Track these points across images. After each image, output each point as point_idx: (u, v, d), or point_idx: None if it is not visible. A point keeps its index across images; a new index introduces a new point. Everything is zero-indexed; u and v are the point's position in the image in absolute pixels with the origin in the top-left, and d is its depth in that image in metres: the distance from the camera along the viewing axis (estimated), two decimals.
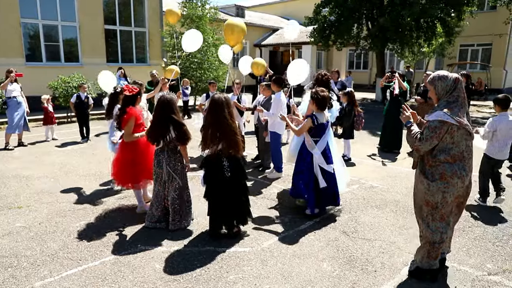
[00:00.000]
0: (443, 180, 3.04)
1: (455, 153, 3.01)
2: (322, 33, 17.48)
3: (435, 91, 3.09)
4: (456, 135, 2.98)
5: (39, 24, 13.11)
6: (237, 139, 3.84)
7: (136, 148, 4.53)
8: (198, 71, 14.42)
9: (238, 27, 5.21)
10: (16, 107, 8.16)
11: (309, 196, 4.53)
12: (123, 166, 4.53)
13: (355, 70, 27.65)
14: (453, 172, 3.01)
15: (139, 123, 4.50)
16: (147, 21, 15.67)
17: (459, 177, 3.02)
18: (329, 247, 3.92)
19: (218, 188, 3.93)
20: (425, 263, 3.30)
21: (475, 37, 21.53)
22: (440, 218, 3.15)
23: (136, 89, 4.54)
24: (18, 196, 5.29)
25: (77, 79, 11.65)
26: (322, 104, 4.44)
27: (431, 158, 3.09)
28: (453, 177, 3.01)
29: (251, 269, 3.47)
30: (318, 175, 4.48)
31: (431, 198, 3.12)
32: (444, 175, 3.03)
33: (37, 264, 3.51)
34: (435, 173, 3.08)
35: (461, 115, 2.97)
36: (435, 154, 3.06)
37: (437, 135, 2.96)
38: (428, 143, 3.01)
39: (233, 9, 25.80)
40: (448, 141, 2.99)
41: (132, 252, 3.74)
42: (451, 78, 3.04)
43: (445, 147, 3.02)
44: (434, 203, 3.12)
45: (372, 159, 7.66)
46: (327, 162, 4.53)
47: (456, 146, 3.01)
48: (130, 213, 4.73)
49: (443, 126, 2.94)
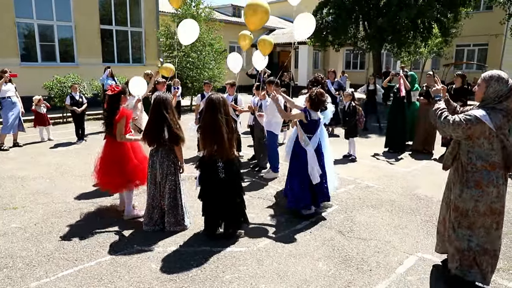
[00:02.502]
0: (478, 188, 2.88)
1: (495, 161, 2.84)
2: (319, 34, 17.51)
3: (485, 90, 2.85)
4: (495, 142, 2.80)
5: (34, 24, 13.03)
6: (232, 141, 3.84)
7: (122, 147, 4.44)
8: (194, 71, 14.41)
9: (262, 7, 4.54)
10: (11, 107, 8.13)
11: (305, 195, 4.55)
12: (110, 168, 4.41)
13: (352, 70, 27.68)
14: (489, 181, 2.85)
15: (128, 122, 4.45)
16: (143, 21, 15.62)
17: (495, 186, 2.86)
18: (324, 246, 3.93)
19: (212, 189, 3.93)
20: (458, 271, 3.07)
21: (471, 37, 21.60)
22: (467, 226, 2.99)
23: (118, 88, 4.46)
24: (13, 197, 5.27)
25: (72, 79, 11.59)
26: (316, 105, 4.51)
27: (468, 163, 2.92)
28: (489, 185, 2.86)
29: (247, 268, 3.48)
30: (311, 171, 4.49)
31: (461, 205, 2.99)
32: (480, 183, 2.87)
33: (33, 264, 3.50)
34: (470, 180, 2.92)
35: (503, 127, 2.78)
36: (472, 159, 2.89)
37: (464, 128, 2.77)
38: (451, 128, 2.84)
39: (229, 9, 25.80)
40: (487, 147, 2.82)
41: (128, 253, 3.74)
42: (509, 84, 2.79)
43: (483, 153, 2.84)
44: (465, 210, 2.98)
45: (376, 159, 7.71)
46: (319, 160, 4.55)
47: (496, 154, 2.83)
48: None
49: (477, 124, 2.75)
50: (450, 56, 22.19)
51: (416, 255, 3.76)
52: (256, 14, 4.60)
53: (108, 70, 11.16)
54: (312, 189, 4.54)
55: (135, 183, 4.55)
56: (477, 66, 21.54)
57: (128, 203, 4.58)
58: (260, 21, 4.71)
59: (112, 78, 10.96)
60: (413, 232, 4.30)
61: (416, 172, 6.75)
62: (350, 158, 7.49)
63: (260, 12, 4.59)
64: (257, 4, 4.65)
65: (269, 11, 4.71)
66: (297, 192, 4.58)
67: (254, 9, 4.59)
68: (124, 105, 4.59)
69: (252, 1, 4.77)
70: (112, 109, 4.36)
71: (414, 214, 4.80)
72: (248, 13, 4.70)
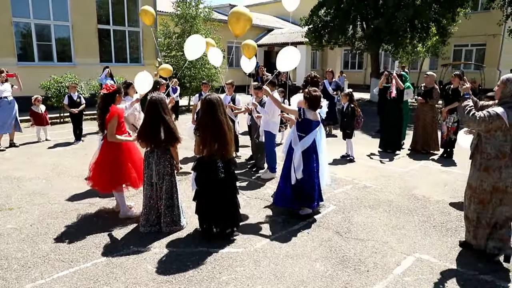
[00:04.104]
0: (486, 172, 3.46)
1: (506, 151, 3.37)
2: (317, 34, 17.51)
3: (503, 89, 3.42)
4: (508, 134, 3.34)
5: (31, 24, 12.97)
6: (230, 141, 3.83)
7: (119, 148, 4.42)
8: (192, 70, 14.38)
9: (245, 16, 4.93)
10: (7, 107, 8.09)
11: (287, 193, 4.58)
12: (103, 168, 4.40)
13: (350, 70, 27.72)
14: (498, 166, 3.40)
15: (120, 122, 4.41)
16: (141, 21, 15.57)
17: (500, 171, 3.40)
18: (322, 247, 3.92)
19: (210, 189, 3.92)
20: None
21: (469, 37, 21.65)
22: (478, 202, 3.56)
23: (114, 87, 4.45)
24: (9, 197, 5.24)
25: (69, 79, 11.54)
26: (314, 104, 4.48)
27: (484, 151, 3.46)
28: (495, 171, 3.42)
29: (244, 269, 3.47)
30: (293, 169, 4.46)
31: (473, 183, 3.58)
32: (489, 168, 3.44)
33: (28, 266, 3.47)
34: (482, 164, 3.49)
35: None
36: (487, 148, 3.43)
37: (487, 123, 3.29)
38: (476, 123, 3.34)
39: (227, 9, 25.73)
40: (501, 138, 3.36)
41: (124, 254, 3.72)
42: None
43: (498, 144, 3.38)
44: (474, 187, 3.56)
45: (370, 158, 7.70)
46: (307, 163, 4.48)
47: (508, 144, 3.36)
48: None
49: (496, 120, 3.28)
50: (448, 56, 22.22)
51: (414, 256, 3.75)
52: (239, 22, 4.92)
53: (107, 70, 11.15)
54: (297, 189, 4.51)
55: (126, 185, 4.53)
56: (474, 66, 21.57)
57: (121, 204, 4.57)
58: (243, 28, 5.00)
59: (111, 78, 10.95)
60: (411, 232, 4.29)
61: (413, 172, 6.74)
62: (348, 158, 7.48)
63: (243, 20, 4.90)
64: (240, 12, 4.94)
65: (251, 19, 4.99)
66: (281, 189, 4.65)
67: (237, 17, 4.91)
68: (119, 105, 4.57)
69: (235, 10, 5.07)
70: (106, 108, 4.34)
71: (411, 215, 4.79)
72: (232, 21, 5.00)
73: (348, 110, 7.42)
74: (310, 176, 4.53)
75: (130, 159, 4.50)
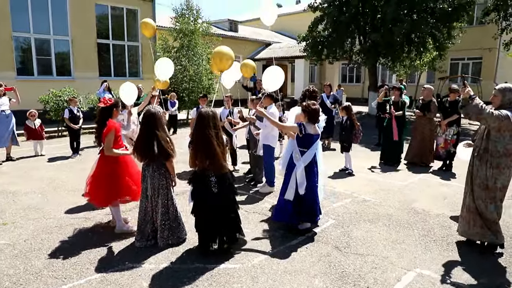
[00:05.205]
0: (498, 169, 3.82)
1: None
2: (315, 48, 17.65)
3: (502, 98, 3.81)
4: None
5: (31, 38, 13.07)
6: (220, 155, 3.78)
7: (116, 161, 4.38)
8: (191, 83, 14.43)
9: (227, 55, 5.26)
10: (5, 121, 8.07)
11: (287, 209, 4.49)
12: (101, 182, 4.35)
13: (348, 83, 27.88)
14: (506, 164, 3.80)
15: (117, 135, 4.38)
16: (140, 35, 15.70)
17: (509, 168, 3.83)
18: (321, 262, 3.84)
19: (205, 204, 3.86)
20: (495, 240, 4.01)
21: (466, 51, 21.84)
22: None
23: (111, 101, 4.45)
24: (3, 212, 5.16)
25: (68, 93, 11.55)
26: (313, 117, 4.45)
27: (493, 150, 3.81)
28: (505, 168, 3.81)
29: (241, 286, 3.39)
30: (293, 185, 4.41)
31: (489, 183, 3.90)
32: (500, 166, 3.81)
33: (20, 283, 3.39)
34: (493, 163, 3.83)
35: None
36: (497, 147, 3.78)
37: (500, 120, 3.66)
38: (491, 119, 3.66)
39: (226, 24, 26.04)
40: (508, 138, 3.74)
41: (119, 270, 3.63)
42: None
43: (505, 142, 3.75)
44: (490, 187, 3.90)
45: (371, 172, 7.66)
46: (308, 178, 4.43)
47: None
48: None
49: (505, 120, 3.66)
50: (445, 70, 22.38)
51: (414, 271, 3.68)
52: (222, 61, 5.27)
53: (105, 84, 11.17)
54: (298, 204, 4.44)
55: (124, 199, 4.48)
56: (471, 79, 21.72)
57: (117, 219, 4.50)
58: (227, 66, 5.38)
59: (109, 92, 10.96)
60: (411, 247, 4.22)
61: (413, 185, 6.70)
62: (346, 172, 7.43)
63: (226, 59, 5.27)
64: (223, 53, 5.28)
65: (233, 57, 5.33)
66: (282, 205, 4.55)
67: (220, 57, 5.28)
68: (116, 119, 4.55)
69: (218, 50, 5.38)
70: (104, 122, 4.31)
71: (411, 229, 4.73)
72: (216, 61, 5.36)
73: (347, 124, 7.43)
74: (312, 190, 4.48)
75: (128, 173, 4.46)
